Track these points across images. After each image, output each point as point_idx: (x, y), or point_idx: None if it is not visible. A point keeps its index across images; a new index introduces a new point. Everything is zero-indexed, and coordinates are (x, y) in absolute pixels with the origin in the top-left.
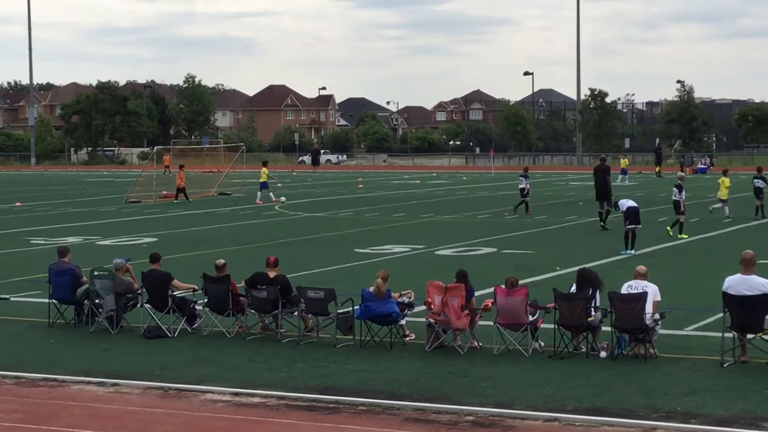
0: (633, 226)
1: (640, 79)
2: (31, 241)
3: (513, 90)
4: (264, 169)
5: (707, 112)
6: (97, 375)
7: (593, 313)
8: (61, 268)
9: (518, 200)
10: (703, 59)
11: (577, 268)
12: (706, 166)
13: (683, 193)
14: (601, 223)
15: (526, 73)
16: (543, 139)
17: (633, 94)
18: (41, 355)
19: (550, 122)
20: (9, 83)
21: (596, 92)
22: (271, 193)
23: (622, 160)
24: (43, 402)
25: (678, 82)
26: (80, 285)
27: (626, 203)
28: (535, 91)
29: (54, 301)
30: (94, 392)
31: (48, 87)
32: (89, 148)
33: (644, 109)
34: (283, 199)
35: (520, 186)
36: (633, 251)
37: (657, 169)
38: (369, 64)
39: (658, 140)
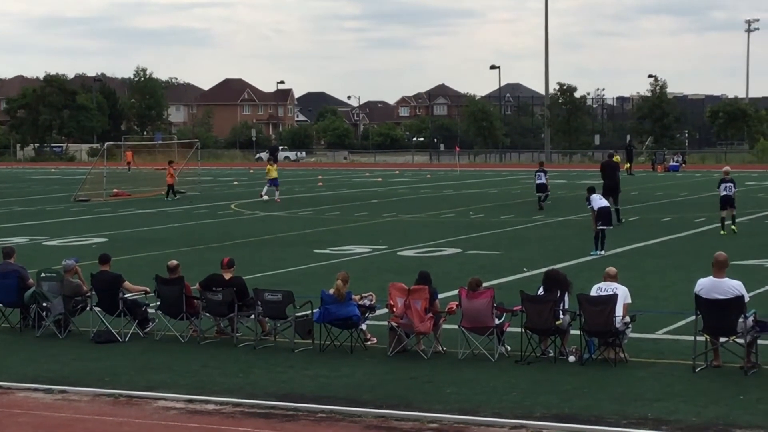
0: (604, 227)
1: (610, 74)
2: None
3: (479, 84)
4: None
5: (680, 107)
6: (44, 381)
7: (561, 316)
8: (6, 270)
9: (538, 197)
10: (675, 53)
11: (545, 269)
12: (678, 164)
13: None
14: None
15: (493, 67)
16: (510, 135)
17: (603, 89)
18: None
19: (518, 118)
20: None
21: (565, 87)
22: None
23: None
24: None
25: (650, 76)
26: (26, 287)
27: (599, 203)
28: (501, 85)
29: None
30: (40, 399)
31: None
32: (36, 144)
33: (615, 104)
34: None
35: (539, 181)
36: (603, 252)
37: (627, 166)
38: (329, 58)
39: (629, 137)
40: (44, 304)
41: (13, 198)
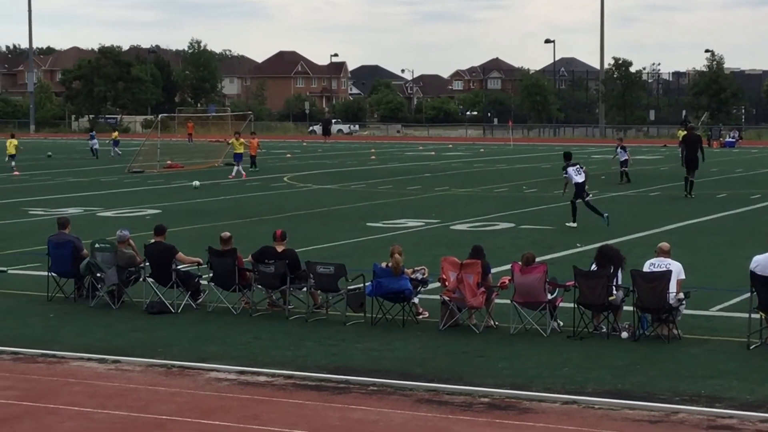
0: (576, 200)
1: (666, 49)
2: (30, 212)
3: (533, 58)
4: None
5: (736, 83)
6: (98, 351)
7: (615, 291)
8: (61, 240)
9: (621, 172)
10: (732, 28)
11: (598, 244)
12: (734, 140)
13: None
14: (686, 193)
15: (547, 41)
16: (564, 109)
17: (659, 64)
18: (40, 331)
19: (572, 92)
20: (8, 47)
21: (620, 61)
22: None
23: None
24: (41, 379)
25: (707, 51)
26: (80, 258)
27: (575, 178)
28: (556, 59)
29: (53, 274)
30: (94, 369)
31: (48, 51)
32: (91, 116)
33: (670, 79)
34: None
35: (622, 158)
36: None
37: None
38: (383, 31)
39: (684, 112)
40: (98, 275)
41: (68, 169)
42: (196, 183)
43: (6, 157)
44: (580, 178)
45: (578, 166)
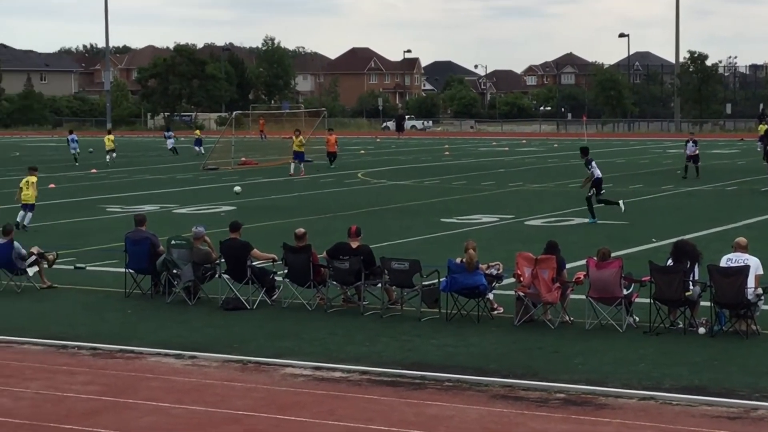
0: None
1: (742, 41)
2: (107, 209)
3: (607, 53)
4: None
5: None
6: (175, 347)
7: (691, 287)
8: (138, 237)
9: (688, 165)
10: None
11: (674, 239)
12: None
13: None
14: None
15: (621, 35)
16: (639, 104)
17: (735, 57)
18: (118, 327)
19: (647, 87)
20: (84, 46)
21: (696, 55)
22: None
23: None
24: (120, 374)
25: None
26: (157, 254)
27: (597, 171)
28: (630, 53)
29: (130, 270)
30: (171, 365)
31: (124, 50)
32: (166, 113)
33: (747, 72)
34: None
35: (689, 152)
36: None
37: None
38: (456, 26)
39: (762, 105)
40: (174, 271)
41: (144, 166)
42: (238, 189)
43: (105, 153)
44: (599, 173)
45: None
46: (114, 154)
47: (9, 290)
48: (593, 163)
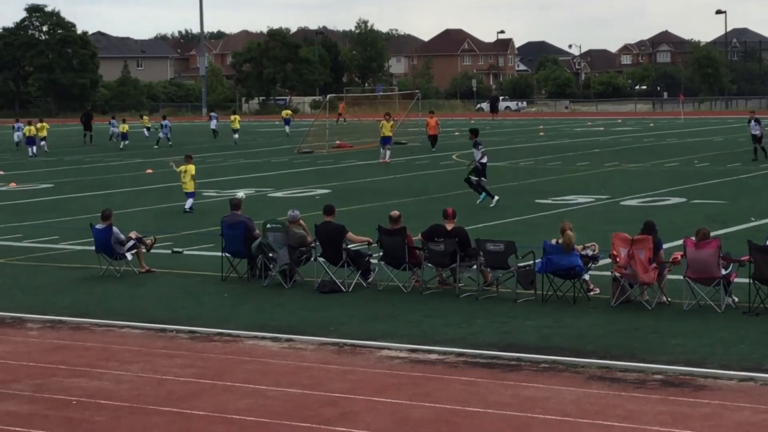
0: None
1: None
2: (204, 194)
3: (704, 30)
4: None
5: None
6: (271, 330)
7: None
8: (233, 221)
9: (755, 148)
10: None
11: None
12: None
13: None
14: None
15: (718, 12)
16: (737, 81)
17: None
18: (215, 310)
19: (745, 64)
20: (180, 32)
21: None
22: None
23: None
24: (217, 357)
25: None
26: (252, 238)
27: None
28: (728, 30)
29: (227, 254)
30: (268, 347)
31: (219, 35)
32: (261, 98)
33: None
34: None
35: (754, 132)
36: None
37: None
38: (549, 6)
39: None
40: (270, 255)
41: (240, 150)
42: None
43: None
44: (484, 160)
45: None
46: (236, 135)
47: (108, 275)
48: (480, 147)
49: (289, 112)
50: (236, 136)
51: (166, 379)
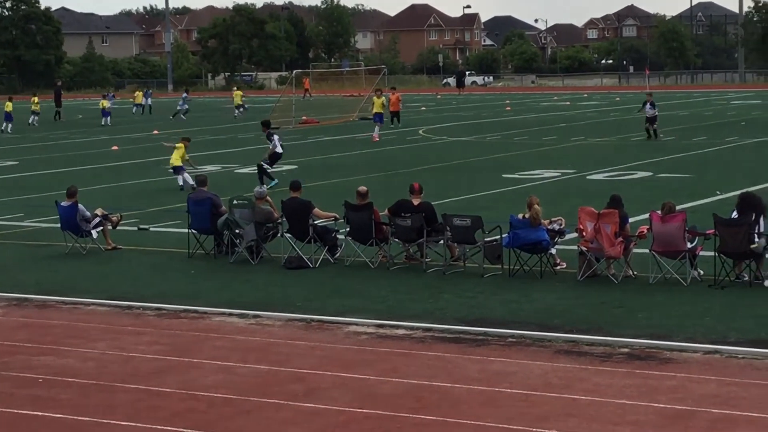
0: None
1: None
2: (170, 170)
3: (669, 4)
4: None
5: None
6: (239, 306)
7: (757, 239)
8: (200, 198)
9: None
10: None
11: (739, 192)
12: None
13: None
14: None
15: None
16: (702, 55)
17: None
18: (182, 287)
19: (710, 38)
20: (145, 8)
21: (760, 4)
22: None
23: None
24: (184, 333)
25: None
26: (219, 214)
27: (280, 148)
28: (693, 4)
29: (193, 231)
30: (235, 324)
31: (184, 11)
32: (226, 74)
33: None
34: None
35: (649, 114)
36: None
37: None
38: None
39: None
40: (237, 231)
41: (206, 126)
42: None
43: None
44: (280, 150)
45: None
46: (241, 109)
47: (74, 252)
48: (275, 138)
49: (140, 95)
50: (238, 111)
51: (132, 357)
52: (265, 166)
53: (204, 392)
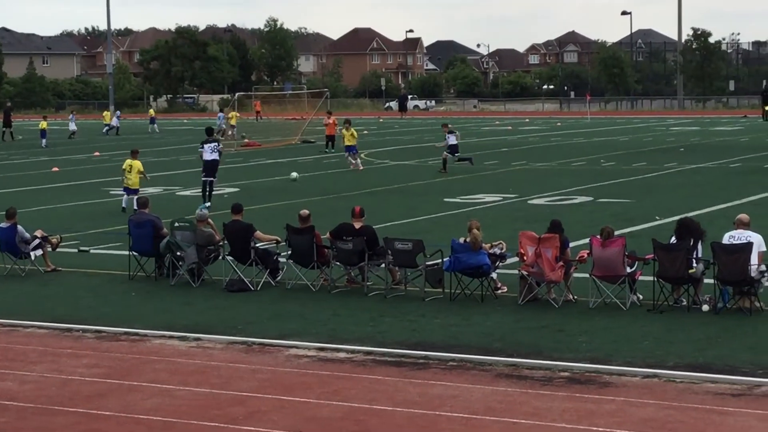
0: (207, 178)
1: (745, 18)
2: (111, 192)
3: (610, 31)
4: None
5: None
6: (179, 329)
7: (695, 264)
8: (141, 220)
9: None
10: None
11: (677, 217)
12: None
13: None
14: None
15: (624, 13)
16: (642, 82)
17: (738, 34)
18: (122, 309)
19: (650, 64)
20: (86, 29)
21: (699, 32)
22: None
23: None
24: (124, 356)
25: None
26: (160, 237)
27: (209, 155)
28: (633, 31)
29: (134, 253)
30: (176, 347)
31: (126, 33)
32: (169, 96)
33: (750, 49)
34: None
35: (450, 143)
36: (208, 204)
37: (765, 110)
38: (458, 5)
39: (765, 82)
40: (178, 254)
41: (147, 149)
42: (295, 174)
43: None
44: (211, 156)
45: (215, 143)
46: (233, 131)
47: (13, 274)
48: (205, 146)
49: (108, 115)
50: (229, 132)
51: (71, 380)
52: (211, 179)
53: (144, 415)
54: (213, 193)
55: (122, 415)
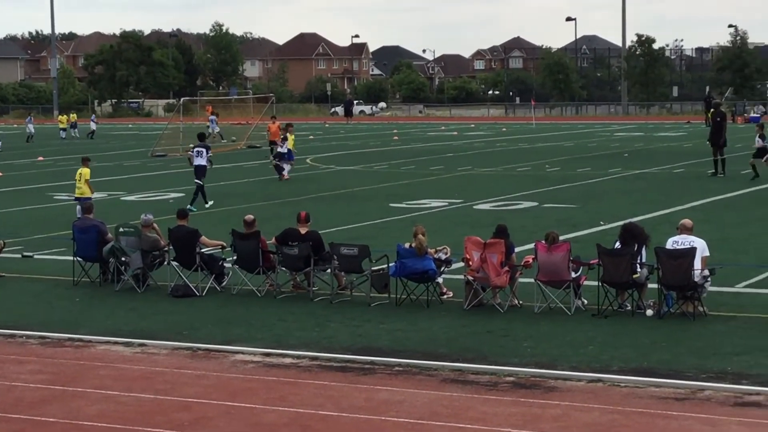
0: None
1: (689, 24)
2: (55, 197)
3: (555, 37)
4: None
5: (761, 57)
6: (124, 335)
7: (639, 269)
8: (85, 225)
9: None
10: (756, 2)
11: (621, 222)
12: (759, 115)
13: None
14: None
15: (569, 19)
16: (586, 88)
17: (682, 40)
18: (66, 315)
19: (594, 70)
20: (30, 33)
21: (643, 38)
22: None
23: None
24: (68, 362)
25: (730, 26)
26: (105, 242)
27: (197, 160)
28: (578, 37)
29: (79, 258)
30: (120, 353)
31: (70, 37)
32: (113, 100)
33: (694, 55)
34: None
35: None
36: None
37: (708, 117)
38: (404, 11)
39: (708, 88)
40: (123, 259)
41: (91, 153)
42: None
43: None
44: (198, 161)
45: (205, 149)
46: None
47: None
48: (195, 150)
49: (64, 119)
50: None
51: (15, 386)
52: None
53: (88, 422)
54: (197, 198)
55: (66, 422)
